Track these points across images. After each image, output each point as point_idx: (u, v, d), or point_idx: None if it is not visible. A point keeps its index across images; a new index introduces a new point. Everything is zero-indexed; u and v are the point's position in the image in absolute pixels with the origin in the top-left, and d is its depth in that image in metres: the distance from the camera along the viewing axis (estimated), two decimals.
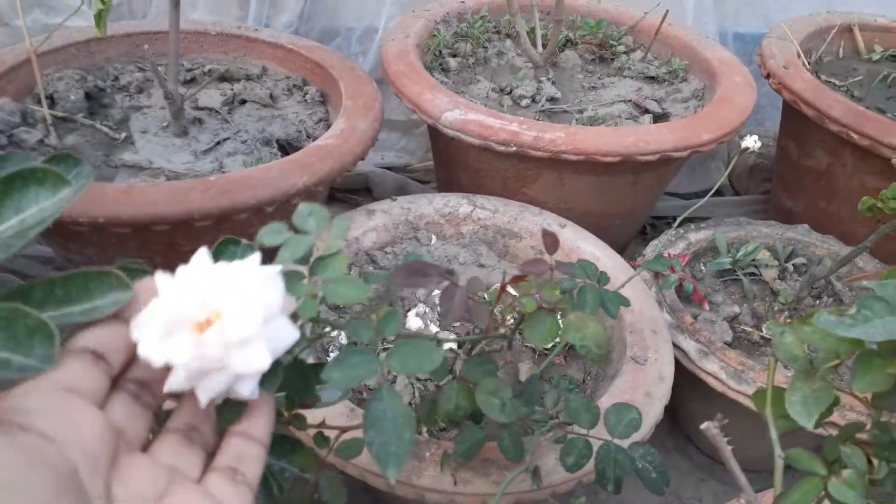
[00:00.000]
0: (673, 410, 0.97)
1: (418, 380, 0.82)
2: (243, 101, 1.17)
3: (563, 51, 1.35)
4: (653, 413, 0.78)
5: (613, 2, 1.45)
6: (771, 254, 1.10)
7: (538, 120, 1.11)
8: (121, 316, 0.34)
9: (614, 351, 0.88)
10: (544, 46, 1.26)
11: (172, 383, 0.32)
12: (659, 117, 1.18)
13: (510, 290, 0.55)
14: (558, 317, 0.51)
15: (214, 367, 0.32)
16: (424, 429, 0.79)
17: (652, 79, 1.30)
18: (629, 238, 1.33)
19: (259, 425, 0.35)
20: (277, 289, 0.34)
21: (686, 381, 0.91)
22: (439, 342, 0.53)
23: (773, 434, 0.43)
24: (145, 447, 0.34)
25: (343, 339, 0.85)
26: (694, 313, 0.99)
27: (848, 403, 0.83)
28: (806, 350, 0.44)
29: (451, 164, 1.21)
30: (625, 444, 0.61)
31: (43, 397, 0.30)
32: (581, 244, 0.99)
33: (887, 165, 1.12)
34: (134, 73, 1.19)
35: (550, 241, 0.55)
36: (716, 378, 0.88)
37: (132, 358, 0.34)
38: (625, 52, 1.36)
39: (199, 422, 0.35)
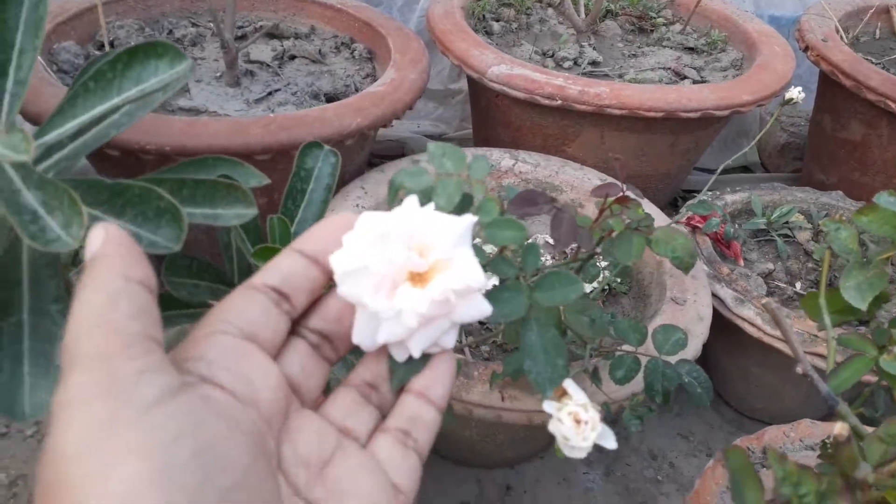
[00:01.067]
0: (704, 368, 1.00)
1: None
2: (293, 57, 1.21)
3: (603, 20, 1.38)
4: (691, 350, 0.80)
5: None
6: (805, 217, 1.12)
7: (594, 79, 1.13)
8: (303, 251, 0.30)
9: (653, 294, 0.90)
10: (587, 14, 1.29)
11: (386, 334, 0.29)
12: (697, 84, 1.20)
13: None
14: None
15: (442, 314, 0.30)
16: (468, 350, 0.82)
17: (691, 49, 1.32)
18: (662, 205, 1.35)
19: (438, 385, 0.31)
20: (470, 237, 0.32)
21: (720, 333, 0.94)
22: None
23: (827, 320, 0.46)
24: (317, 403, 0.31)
25: None
26: (730, 268, 1.01)
27: None
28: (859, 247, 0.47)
29: (493, 123, 1.24)
30: (672, 360, 0.64)
31: (224, 345, 0.27)
32: None
33: None
34: (188, 27, 1.24)
35: (620, 165, 0.58)
36: (751, 324, 0.90)
37: (316, 300, 0.31)
38: (664, 24, 1.38)
39: (380, 380, 0.32)
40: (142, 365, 0.23)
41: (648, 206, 1.01)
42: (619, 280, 0.96)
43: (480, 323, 0.89)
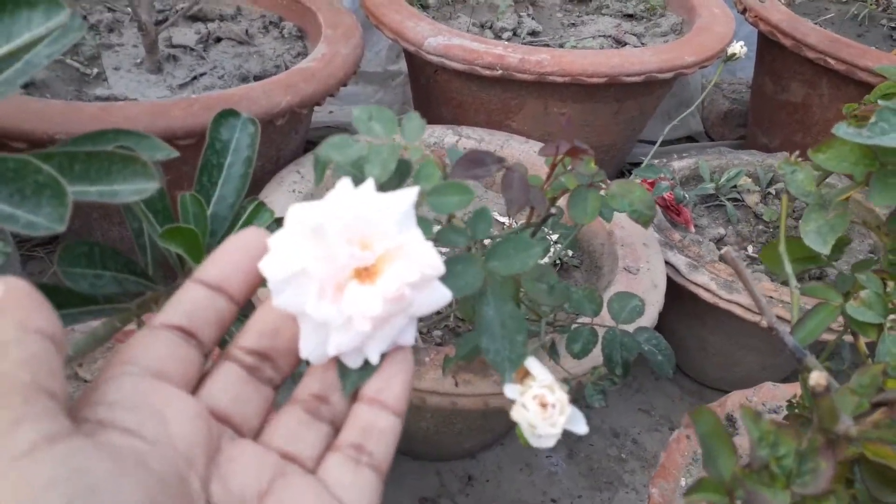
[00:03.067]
0: None
1: None
2: (218, 39, 1.14)
3: None
4: (648, 318, 0.78)
5: None
6: (752, 180, 1.11)
7: (534, 47, 1.10)
8: (204, 281, 0.28)
9: (605, 266, 0.88)
10: None
11: (325, 348, 0.26)
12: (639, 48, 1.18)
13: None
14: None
15: (399, 311, 0.26)
16: (419, 336, 0.78)
17: (630, 16, 1.30)
18: (609, 177, 1.33)
19: (393, 387, 0.28)
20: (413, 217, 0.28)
21: (675, 302, 0.91)
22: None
23: (788, 268, 0.43)
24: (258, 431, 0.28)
25: None
26: (681, 234, 0.99)
27: None
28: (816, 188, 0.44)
29: (434, 101, 1.19)
30: (630, 329, 0.61)
31: (126, 386, 0.25)
32: None
33: (862, 93, 1.13)
34: (103, 12, 1.16)
35: (566, 119, 0.55)
36: (706, 289, 0.88)
37: (225, 327, 0.28)
38: None
39: (330, 390, 0.28)
40: (18, 414, 0.22)
41: None
42: (570, 253, 0.93)
43: None
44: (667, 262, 0.91)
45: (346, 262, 0.25)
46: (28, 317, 0.23)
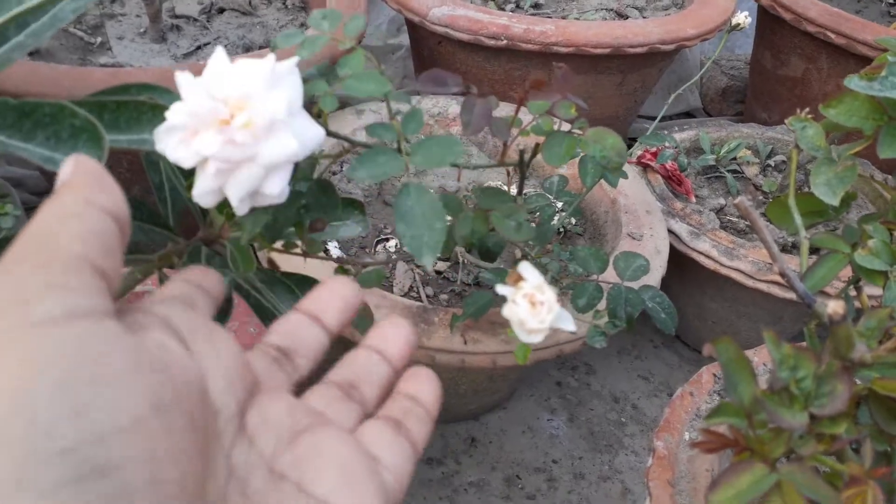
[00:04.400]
0: None
1: None
2: (222, 10, 1.14)
3: None
4: (652, 280, 0.79)
5: None
6: (752, 152, 1.12)
7: (539, 17, 1.10)
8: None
9: (609, 233, 0.89)
10: None
11: (201, 186, 0.30)
12: (643, 20, 1.18)
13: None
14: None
15: (244, 157, 0.30)
16: (426, 299, 0.80)
17: None
18: None
19: (427, 391, 0.30)
20: (297, 84, 0.32)
21: (675, 269, 0.93)
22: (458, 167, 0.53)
23: (798, 219, 0.44)
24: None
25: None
26: (682, 203, 1.01)
27: None
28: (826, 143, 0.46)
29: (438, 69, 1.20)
30: (634, 286, 0.63)
31: (184, 314, 0.26)
32: None
33: (861, 67, 1.15)
34: None
35: (563, 72, 0.55)
36: (707, 256, 0.89)
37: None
38: None
39: (361, 379, 0.30)
40: (52, 281, 0.21)
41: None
42: (573, 221, 0.94)
43: (438, 272, 0.86)
44: (669, 231, 0.92)
45: (207, 114, 0.29)
46: (94, 194, 0.23)
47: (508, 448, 0.95)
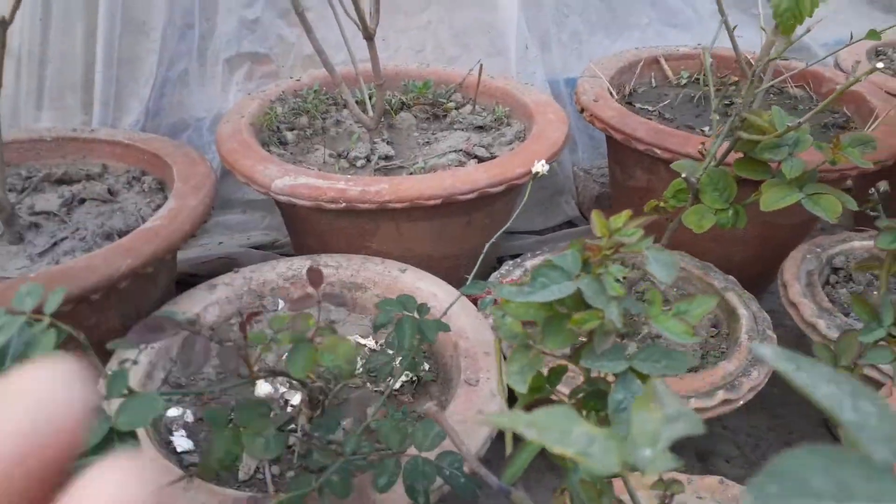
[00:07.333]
0: None
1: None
2: (83, 201, 1.19)
3: (398, 113, 1.44)
4: (486, 430, 0.82)
5: (442, 64, 1.57)
6: None
7: (374, 177, 1.17)
8: None
9: (454, 378, 0.92)
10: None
11: None
12: (487, 161, 1.27)
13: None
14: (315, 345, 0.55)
15: None
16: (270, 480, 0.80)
17: (480, 128, 1.40)
18: (481, 274, 1.39)
19: None
20: None
21: None
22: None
23: (502, 401, 0.48)
24: None
25: (189, 417, 0.86)
26: None
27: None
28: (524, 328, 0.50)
29: (300, 231, 1.25)
30: (432, 456, 0.65)
31: None
32: (420, 284, 1.04)
33: None
34: None
35: (315, 276, 0.60)
36: None
37: None
38: (455, 108, 1.45)
39: None
40: None
41: (437, 284, 1.03)
42: (426, 367, 0.97)
43: (289, 446, 0.87)
44: None
45: None
46: None
47: None
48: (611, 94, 1.42)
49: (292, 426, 0.79)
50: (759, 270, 1.40)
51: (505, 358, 0.93)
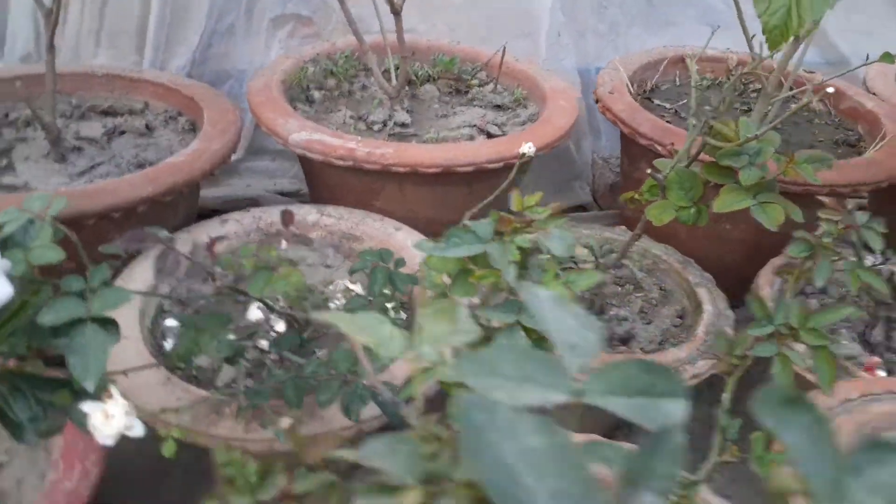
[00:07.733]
0: None
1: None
2: (122, 132, 1.31)
3: (424, 84, 1.52)
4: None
5: (472, 42, 1.63)
6: (589, 251, 1.25)
7: (383, 142, 1.26)
8: None
9: None
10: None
11: None
12: (495, 138, 1.34)
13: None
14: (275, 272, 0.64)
15: None
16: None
17: (498, 107, 1.47)
18: None
19: None
20: None
21: None
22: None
23: None
24: None
25: (172, 322, 0.97)
26: None
27: None
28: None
29: (317, 183, 1.35)
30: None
31: None
32: (410, 242, 1.13)
33: None
34: (23, 109, 1.33)
35: (287, 216, 0.69)
36: None
37: None
38: (479, 85, 1.53)
39: None
40: None
41: None
42: (403, 318, 1.07)
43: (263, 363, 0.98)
44: None
45: None
46: None
47: None
48: (628, 88, 1.47)
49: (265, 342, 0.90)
50: (749, 274, 1.44)
51: None
